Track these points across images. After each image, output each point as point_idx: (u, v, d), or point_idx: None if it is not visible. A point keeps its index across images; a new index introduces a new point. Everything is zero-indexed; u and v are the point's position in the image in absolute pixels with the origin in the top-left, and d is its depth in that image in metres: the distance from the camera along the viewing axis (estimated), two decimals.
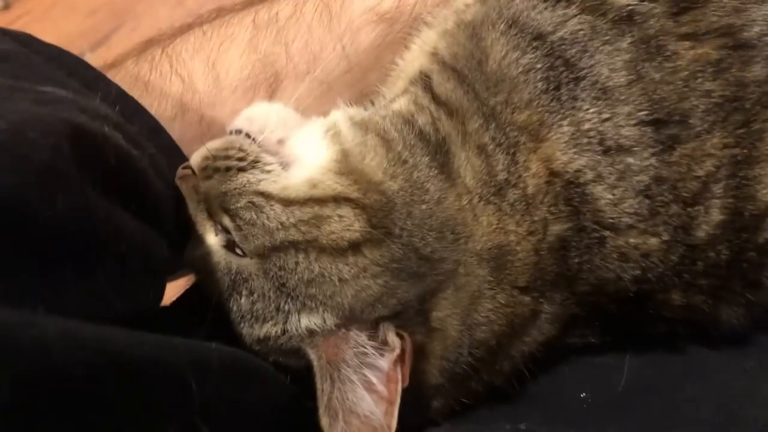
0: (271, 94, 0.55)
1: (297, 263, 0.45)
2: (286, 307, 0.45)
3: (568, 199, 0.46)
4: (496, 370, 0.48)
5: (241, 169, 0.48)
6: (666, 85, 0.45)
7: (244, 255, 0.47)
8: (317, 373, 0.44)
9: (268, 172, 0.48)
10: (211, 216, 0.49)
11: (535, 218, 0.46)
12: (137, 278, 0.38)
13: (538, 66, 0.46)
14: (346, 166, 0.47)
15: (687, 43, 0.45)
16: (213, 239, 0.48)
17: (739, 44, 0.45)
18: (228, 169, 0.48)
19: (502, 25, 0.48)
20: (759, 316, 0.48)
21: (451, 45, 0.51)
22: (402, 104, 0.52)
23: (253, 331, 0.47)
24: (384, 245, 0.45)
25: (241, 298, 0.46)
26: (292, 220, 0.45)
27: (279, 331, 0.46)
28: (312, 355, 0.45)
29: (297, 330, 0.45)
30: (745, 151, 0.45)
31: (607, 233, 0.45)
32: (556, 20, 0.47)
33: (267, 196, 0.46)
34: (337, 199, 0.46)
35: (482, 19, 0.49)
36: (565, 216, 0.46)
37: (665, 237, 0.45)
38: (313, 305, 0.45)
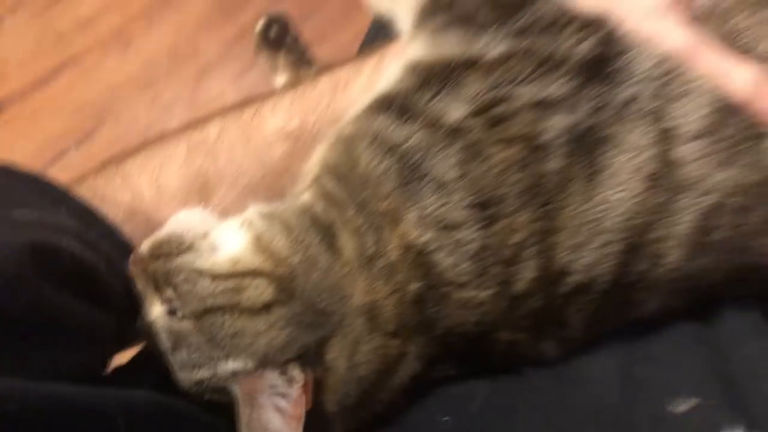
0: (205, 200, 0.70)
1: (223, 322, 0.57)
2: (216, 356, 0.57)
3: (420, 264, 0.59)
4: (378, 400, 0.61)
5: (180, 253, 0.61)
6: (485, 179, 0.58)
7: (183, 318, 0.59)
8: (239, 403, 0.56)
9: (201, 255, 0.61)
10: (157, 290, 0.61)
11: (397, 280, 0.59)
12: (87, 348, 0.51)
13: (392, 169, 0.60)
14: (259, 246, 0.61)
15: (499, 147, 0.59)
16: (158, 308, 0.61)
17: (537, 146, 0.59)
18: (169, 253, 0.61)
19: (368, 140, 0.62)
20: (571, 347, 0.62)
21: (334, 154, 0.65)
22: (306, 197, 0.66)
23: (191, 376, 0.58)
24: (288, 305, 0.58)
25: (181, 352, 0.58)
26: (219, 289, 0.58)
27: (210, 375, 0.58)
28: (236, 391, 0.57)
29: (224, 372, 0.57)
30: (545, 224, 0.58)
31: (450, 289, 0.59)
32: (405, 135, 0.60)
33: (199, 272, 0.59)
34: (254, 273, 0.59)
35: (354, 135, 0.63)
36: (419, 277, 0.59)
37: (492, 291, 0.58)
38: (237, 353, 0.57)
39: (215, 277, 0.59)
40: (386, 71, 0.70)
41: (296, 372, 0.57)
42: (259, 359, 0.57)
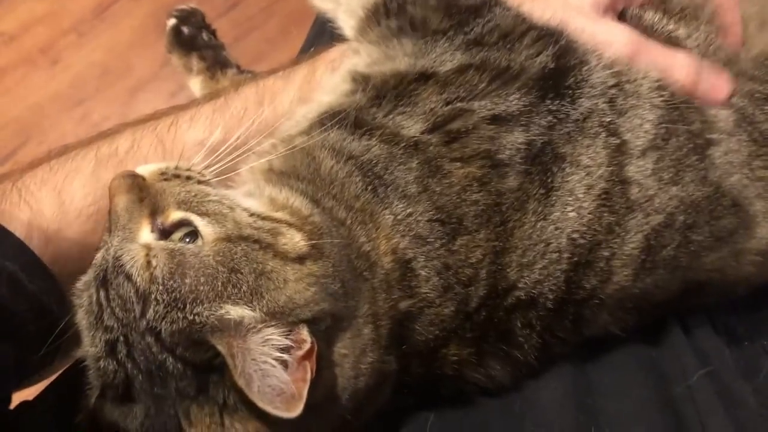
0: None
1: (256, 256, 0.47)
2: (227, 293, 0.46)
3: (407, 277, 0.52)
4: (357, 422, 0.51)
5: (201, 182, 0.52)
6: (446, 196, 0.52)
7: (204, 244, 0.48)
8: (227, 355, 0.44)
9: (225, 193, 0.52)
10: (156, 212, 0.50)
11: (393, 296, 0.51)
12: None
13: (355, 173, 0.54)
14: (278, 205, 0.53)
15: (458, 164, 0.53)
16: (147, 232, 0.50)
17: (495, 164, 0.53)
18: (189, 177, 0.52)
19: (326, 150, 0.55)
20: (520, 371, 0.56)
21: (288, 160, 0.56)
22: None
23: (175, 316, 0.45)
24: (320, 262, 0.49)
25: (174, 281, 0.46)
26: (258, 224, 0.49)
27: (204, 318, 0.45)
28: (220, 345, 0.44)
29: (221, 318, 0.45)
30: (501, 243, 0.53)
31: (424, 305, 0.52)
32: (362, 148, 0.54)
33: (237, 203, 0.51)
34: (288, 223, 0.50)
35: (312, 146, 0.56)
36: (408, 295, 0.52)
37: (453, 308, 0.52)
38: (254, 297, 0.46)
39: (252, 213, 0.50)
40: (327, 82, 0.63)
41: (305, 333, 0.46)
42: (272, 312, 0.46)
